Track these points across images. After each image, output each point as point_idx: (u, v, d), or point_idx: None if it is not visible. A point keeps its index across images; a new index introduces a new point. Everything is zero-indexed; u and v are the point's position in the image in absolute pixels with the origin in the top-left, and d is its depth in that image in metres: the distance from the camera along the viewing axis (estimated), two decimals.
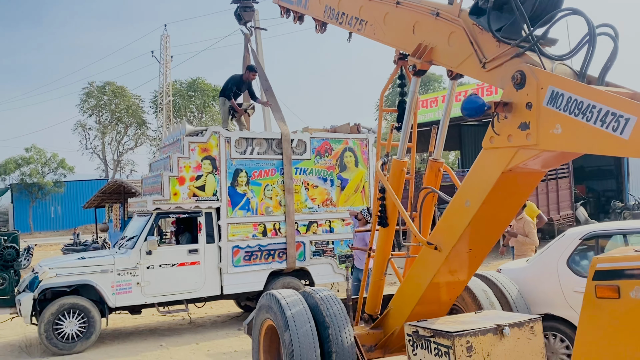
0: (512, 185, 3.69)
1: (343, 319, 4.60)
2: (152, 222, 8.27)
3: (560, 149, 3.19)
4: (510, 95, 3.45)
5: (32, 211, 44.28)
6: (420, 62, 4.36)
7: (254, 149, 8.97)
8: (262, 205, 8.97)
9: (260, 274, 8.82)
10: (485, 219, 3.87)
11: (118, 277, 7.99)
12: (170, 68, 31.07)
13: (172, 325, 9.30)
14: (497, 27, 3.61)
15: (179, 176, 8.37)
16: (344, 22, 5.54)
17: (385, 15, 4.81)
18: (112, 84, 46.75)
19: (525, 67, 3.36)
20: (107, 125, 48.35)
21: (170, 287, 8.28)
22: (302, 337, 4.43)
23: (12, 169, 43.63)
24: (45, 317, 7.50)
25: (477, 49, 3.77)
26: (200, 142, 8.58)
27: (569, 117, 3.07)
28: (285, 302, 4.67)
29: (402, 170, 4.81)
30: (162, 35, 31.50)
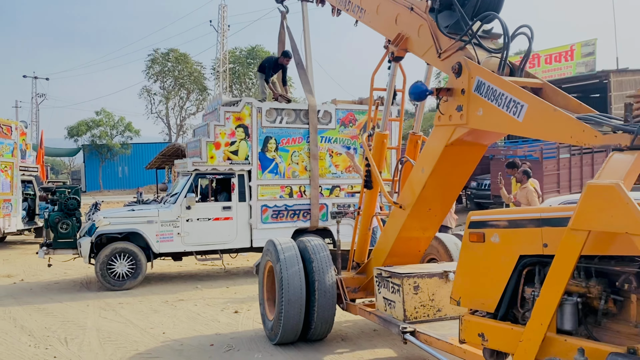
0: (456, 156, 4.46)
1: (327, 263, 5.54)
2: (191, 181, 9.43)
3: (481, 127, 3.95)
4: (451, 82, 4.21)
5: (102, 171, 47.42)
6: (397, 50, 5.12)
7: (283, 118, 9.91)
8: (289, 169, 9.95)
9: (286, 231, 9.82)
10: (437, 183, 4.67)
11: (162, 228, 9.23)
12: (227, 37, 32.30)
13: (209, 273, 10.54)
14: (448, 24, 4.34)
15: (215, 142, 9.45)
16: (349, 10, 6.32)
17: (378, 6, 5.55)
18: (175, 51, 48.67)
19: (462, 59, 4.09)
20: (171, 91, 50.56)
21: (206, 238, 9.46)
22: (291, 276, 5.42)
23: (84, 130, 46.68)
24: (101, 258, 8.84)
25: (435, 41, 4.51)
26: (234, 112, 9.60)
27: (487, 102, 3.82)
28: (280, 247, 5.65)
29: (384, 142, 5.63)
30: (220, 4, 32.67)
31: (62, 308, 7.72)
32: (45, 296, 8.53)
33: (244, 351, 5.72)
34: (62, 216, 9.25)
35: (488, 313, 3.34)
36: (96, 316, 7.26)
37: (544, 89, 3.82)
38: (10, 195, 13.93)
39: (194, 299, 8.22)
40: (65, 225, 9.24)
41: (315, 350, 5.66)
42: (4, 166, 13.72)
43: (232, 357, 5.56)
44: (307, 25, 12.05)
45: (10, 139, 14.20)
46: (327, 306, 5.47)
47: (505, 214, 3.39)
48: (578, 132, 3.04)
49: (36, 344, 6.04)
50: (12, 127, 14.40)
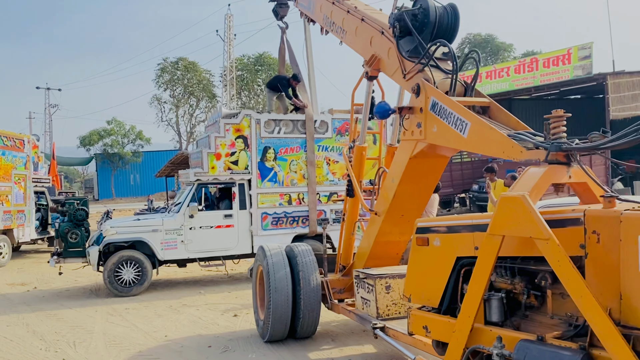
0: (420, 167, 4.87)
1: (312, 267, 5.98)
2: (193, 191, 9.93)
3: (436, 142, 4.37)
4: (412, 102, 4.63)
5: (114, 179, 48.30)
6: (370, 70, 5.57)
7: (281, 129, 10.38)
8: (288, 178, 10.41)
9: (286, 237, 10.27)
10: (406, 192, 5.09)
11: (166, 236, 9.72)
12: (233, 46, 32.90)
13: (213, 278, 11.02)
14: (409, 48, 4.77)
15: (216, 152, 9.94)
16: (333, 30, 6.77)
17: (357, 28, 6.00)
18: (184, 59, 49.43)
19: (420, 81, 4.52)
20: (181, 99, 51.33)
21: (209, 245, 9.93)
22: (278, 279, 5.86)
23: (96, 140, 47.61)
24: (108, 266, 9.35)
25: (401, 63, 4.94)
26: (234, 123, 10.09)
27: (440, 119, 4.24)
28: (269, 253, 6.10)
29: (362, 154, 6.06)
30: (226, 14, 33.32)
31: (72, 314, 8.23)
32: (57, 303, 9.05)
33: (239, 352, 6.16)
34: (72, 226, 9.78)
35: (433, 308, 3.76)
36: (103, 321, 7.75)
37: (491, 107, 4.23)
38: (24, 206, 14.55)
39: (197, 304, 8.69)
40: (75, 235, 9.76)
41: (303, 348, 6.09)
42: (17, 178, 14.33)
43: (228, 358, 6.00)
44: (309, 36, 12.49)
45: (23, 152, 14.82)
46: (312, 306, 5.91)
47: (445, 220, 3.81)
48: (508, 148, 3.45)
49: (47, 348, 6.54)
50: (25, 141, 15.02)
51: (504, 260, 3.29)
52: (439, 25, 4.62)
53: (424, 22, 4.62)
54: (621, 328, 2.66)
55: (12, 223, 13.88)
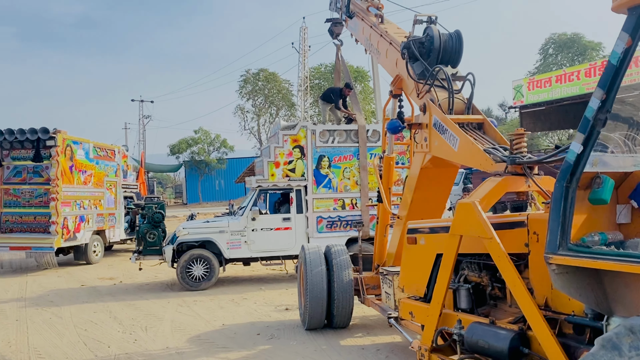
0: (431, 177, 5.45)
1: (345, 265, 6.69)
2: (255, 196, 10.91)
3: (437, 155, 4.95)
4: (420, 119, 5.24)
5: (201, 184, 51.12)
6: (394, 88, 6.21)
7: (335, 138, 11.14)
8: (342, 184, 11.15)
9: (340, 240, 10.94)
10: (421, 198, 5.67)
11: (231, 237, 10.75)
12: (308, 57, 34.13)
13: (275, 277, 11.94)
14: (419, 71, 5.38)
15: (275, 161, 10.87)
16: (371, 51, 7.46)
17: (387, 50, 6.66)
18: (265, 70, 51.53)
19: (427, 101, 5.12)
20: (262, 108, 53.48)
21: (270, 246, 10.86)
22: (315, 275, 6.62)
23: (184, 148, 50.68)
24: (181, 263, 10.50)
25: (415, 84, 5.56)
26: (291, 134, 10.98)
27: (439, 135, 4.83)
28: (308, 252, 6.87)
29: (390, 163, 6.70)
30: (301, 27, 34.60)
31: (148, 304, 9.41)
32: (137, 294, 10.31)
33: (283, 339, 6.96)
34: (150, 227, 11.05)
35: (420, 297, 4.34)
36: (173, 311, 8.83)
37: (484, 123, 4.76)
38: (115, 210, 16.26)
39: (256, 299, 9.62)
40: (152, 235, 11.02)
41: (338, 336, 6.80)
42: (109, 185, 16.06)
43: (272, 343, 6.82)
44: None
45: (114, 161, 16.56)
46: (345, 300, 6.61)
47: (428, 223, 4.38)
48: (483, 160, 4.00)
49: (123, 330, 7.67)
50: (116, 151, 16.77)
51: (473, 257, 3.85)
52: (444, 50, 5.20)
53: (430, 49, 5.22)
54: (552, 313, 3.17)
55: (104, 225, 15.60)
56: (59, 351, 6.71)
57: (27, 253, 13.47)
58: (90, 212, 14.89)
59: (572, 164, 2.82)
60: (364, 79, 47.09)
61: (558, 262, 2.77)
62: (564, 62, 47.27)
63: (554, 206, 2.83)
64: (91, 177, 15.11)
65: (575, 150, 2.82)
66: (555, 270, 2.79)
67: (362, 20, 7.74)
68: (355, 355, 6.10)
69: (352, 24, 8.56)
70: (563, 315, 3.15)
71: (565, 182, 2.83)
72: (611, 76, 2.75)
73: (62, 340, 7.19)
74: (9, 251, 13.57)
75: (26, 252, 13.50)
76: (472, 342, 3.39)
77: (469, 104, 4.92)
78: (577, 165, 2.81)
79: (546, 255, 2.81)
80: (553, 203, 2.84)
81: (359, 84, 46.76)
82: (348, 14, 8.52)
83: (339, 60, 12.46)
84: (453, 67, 5.29)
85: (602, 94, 2.77)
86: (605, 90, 2.77)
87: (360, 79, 47.28)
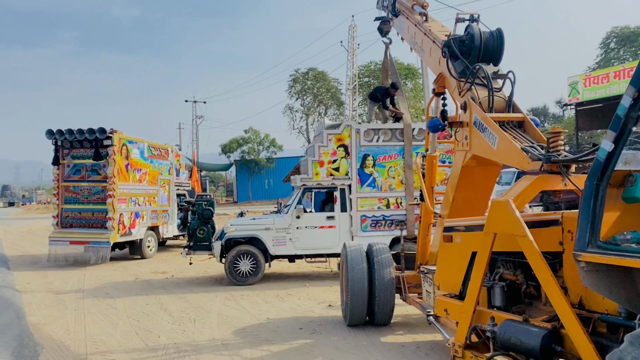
0: (472, 176, 5.44)
1: (387, 263, 6.75)
2: (299, 195, 11.09)
3: (477, 153, 4.95)
4: (461, 117, 5.25)
5: (251, 183, 51.98)
6: (436, 86, 6.22)
7: (380, 137, 11.19)
8: (386, 183, 11.19)
9: (384, 239, 10.98)
10: (462, 197, 5.67)
11: (277, 234, 10.98)
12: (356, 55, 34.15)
13: (320, 274, 12.10)
14: (460, 70, 5.39)
15: (320, 160, 11.02)
16: (416, 49, 7.48)
17: (430, 49, 6.67)
18: (314, 70, 51.76)
19: (468, 99, 5.13)
20: (310, 107, 53.80)
21: (314, 244, 11.02)
22: (355, 273, 6.72)
23: (235, 147, 51.67)
24: (229, 258, 10.81)
25: (457, 82, 5.57)
26: (335, 134, 11.10)
27: (479, 133, 4.84)
28: (349, 250, 6.98)
29: (433, 162, 6.71)
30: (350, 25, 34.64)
31: (197, 297, 9.74)
32: (187, 288, 10.69)
33: (324, 334, 7.10)
34: (200, 224, 11.42)
35: (455, 295, 4.37)
36: (220, 304, 9.12)
37: (525, 121, 4.73)
38: (168, 207, 16.85)
39: (300, 295, 9.80)
40: (202, 231, 11.38)
41: (379, 333, 6.88)
42: (162, 183, 16.65)
43: (314, 337, 6.96)
44: None
45: (167, 160, 17.14)
46: (386, 297, 6.69)
47: (464, 220, 4.40)
48: (521, 159, 3.99)
49: (173, 322, 7.99)
50: (169, 150, 17.36)
51: (508, 255, 3.86)
52: (485, 49, 5.19)
53: (471, 47, 5.22)
54: (585, 312, 3.16)
55: (158, 221, 16.19)
56: (113, 339, 7.08)
57: (86, 247, 14.17)
58: (145, 208, 15.49)
59: (603, 162, 2.82)
60: (414, 76, 46.70)
61: (587, 260, 2.78)
62: (627, 56, 45.37)
63: (584, 204, 2.83)
64: (146, 175, 15.71)
65: (606, 149, 2.82)
66: (584, 267, 2.80)
67: (407, 19, 7.77)
68: (395, 352, 6.17)
69: (397, 22, 8.59)
70: (597, 314, 3.14)
71: (596, 180, 2.83)
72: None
73: (116, 330, 7.58)
74: (68, 245, 14.30)
75: (84, 247, 14.20)
76: (505, 339, 3.42)
77: (509, 102, 4.90)
78: (608, 163, 2.81)
79: (575, 253, 2.82)
80: (583, 201, 2.84)
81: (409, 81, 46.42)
82: (394, 12, 8.55)
83: (387, 58, 12.43)
84: (495, 65, 5.27)
85: (634, 92, 2.77)
86: (638, 88, 2.76)
87: (410, 76, 46.94)
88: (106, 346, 6.80)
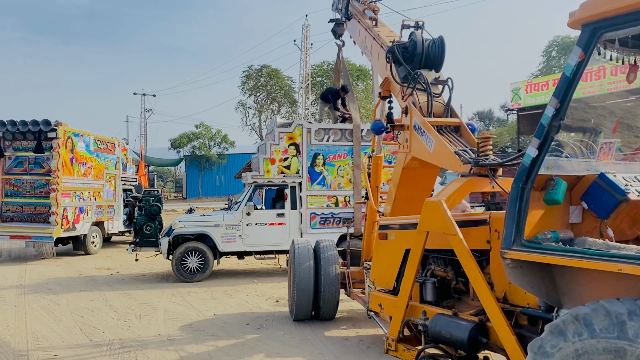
0: (413, 176, 5.67)
1: (333, 260, 6.94)
2: (250, 192, 11.16)
3: (416, 155, 5.18)
4: (403, 120, 5.48)
5: (201, 179, 51.38)
6: (383, 90, 6.44)
7: (330, 137, 11.39)
8: (335, 182, 11.40)
9: (332, 236, 11.18)
10: (403, 197, 5.90)
11: (226, 230, 11.01)
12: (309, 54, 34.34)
13: (269, 271, 12.21)
14: (403, 75, 5.61)
15: (271, 158, 11.13)
16: (366, 53, 7.68)
17: (378, 53, 6.89)
18: (267, 67, 51.63)
19: (409, 104, 5.36)
20: (263, 105, 53.65)
21: (263, 240, 11.12)
22: (302, 269, 6.87)
23: (185, 142, 50.92)
24: (176, 255, 10.76)
25: (400, 87, 5.79)
26: (287, 132, 11.23)
27: (418, 136, 5.07)
28: (297, 247, 7.13)
29: (379, 162, 6.94)
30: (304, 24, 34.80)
31: (143, 294, 9.67)
32: (132, 284, 10.58)
33: (271, 329, 7.22)
34: (147, 220, 11.31)
35: (389, 290, 4.60)
36: (167, 301, 9.10)
37: (461, 126, 4.99)
38: (114, 202, 16.55)
39: (248, 291, 9.88)
40: (149, 227, 11.28)
41: (324, 327, 7.07)
42: (108, 177, 16.33)
43: (260, 332, 7.08)
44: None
45: (114, 154, 16.83)
46: (331, 293, 6.88)
47: (398, 219, 4.63)
48: (453, 162, 4.24)
49: (118, 318, 7.93)
50: (116, 144, 17.04)
51: (439, 253, 4.10)
52: (427, 55, 5.44)
53: (413, 53, 5.46)
54: (509, 306, 3.42)
55: (103, 216, 15.88)
56: (56, 335, 6.98)
57: (27, 242, 13.78)
58: (90, 203, 15.17)
59: (528, 167, 3.06)
60: (366, 77, 47.31)
61: (512, 257, 3.02)
62: None
63: (510, 205, 3.07)
64: (91, 169, 15.38)
65: (531, 154, 3.06)
66: (509, 264, 3.04)
67: (358, 22, 7.96)
68: (338, 345, 6.36)
69: (350, 25, 8.78)
70: (519, 308, 3.40)
71: (521, 184, 3.07)
72: (565, 87, 2.99)
73: (59, 326, 7.47)
74: (9, 240, 13.86)
75: (26, 242, 13.80)
76: (435, 332, 3.64)
77: (447, 107, 5.16)
78: (532, 168, 3.05)
79: (501, 250, 3.06)
80: (509, 202, 3.08)
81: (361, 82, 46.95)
82: (347, 16, 8.73)
83: (340, 60, 12.65)
84: (436, 71, 5.53)
85: (557, 103, 3.01)
86: (560, 99, 3.01)
87: (362, 77, 47.51)
88: (48, 342, 6.70)
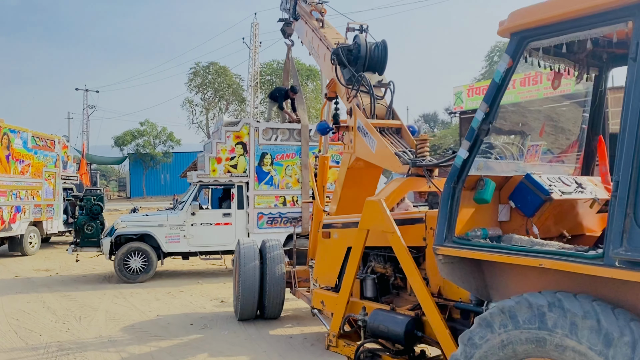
0: (357, 176, 5.79)
1: (279, 259, 7.00)
2: (195, 191, 11.06)
3: (360, 156, 5.31)
4: (348, 122, 5.59)
5: (146, 178, 50.25)
6: (329, 91, 6.53)
7: (278, 136, 11.43)
8: (283, 181, 11.45)
9: (280, 236, 11.24)
10: (348, 196, 6.00)
11: (170, 230, 10.86)
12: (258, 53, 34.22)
13: (214, 271, 12.12)
14: (347, 77, 5.73)
15: (217, 157, 11.06)
16: (313, 54, 7.75)
17: (325, 55, 6.97)
18: (215, 64, 50.94)
19: (353, 105, 5.47)
20: (211, 102, 52.98)
21: (209, 240, 11.03)
22: (248, 269, 6.90)
23: (129, 140, 49.67)
24: (119, 255, 10.54)
25: (345, 89, 5.90)
26: (234, 131, 11.19)
27: (362, 137, 5.19)
28: (243, 246, 7.15)
29: (325, 162, 7.04)
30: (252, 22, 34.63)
31: (83, 295, 9.43)
32: (72, 286, 10.29)
33: (215, 329, 7.21)
34: (88, 219, 11.02)
35: (332, 287, 4.71)
36: (109, 302, 8.91)
37: (402, 128, 5.15)
38: (53, 201, 16.00)
39: (192, 292, 9.80)
40: (90, 227, 11.00)
41: (269, 326, 7.12)
42: (47, 175, 15.78)
43: (204, 332, 7.05)
44: None
45: (54, 151, 16.27)
46: (277, 292, 6.94)
47: (341, 218, 4.76)
48: (393, 162, 4.39)
49: (56, 320, 7.72)
50: (55, 141, 16.48)
51: (379, 250, 4.24)
52: (370, 58, 5.57)
53: (357, 56, 5.59)
54: (443, 300, 3.58)
55: (41, 216, 15.32)
56: None
57: None
58: (27, 202, 14.61)
59: (459, 167, 3.21)
60: (315, 77, 47.52)
61: (444, 253, 3.17)
62: None
63: (442, 204, 3.22)
64: (29, 167, 14.82)
65: (462, 156, 3.22)
66: (441, 260, 3.18)
67: (305, 23, 8.03)
68: (282, 343, 6.43)
69: (298, 25, 8.84)
70: (452, 302, 3.56)
71: (453, 183, 3.22)
72: (494, 92, 3.15)
73: None
74: None
75: None
76: (374, 327, 3.77)
77: (389, 109, 5.31)
78: (463, 168, 3.21)
79: (434, 247, 3.20)
80: (442, 201, 3.23)
81: (310, 82, 47.10)
82: (294, 16, 8.79)
83: (289, 60, 12.69)
84: (379, 74, 5.67)
85: (486, 108, 3.18)
86: (489, 104, 3.18)
87: (312, 77, 47.69)
88: None
